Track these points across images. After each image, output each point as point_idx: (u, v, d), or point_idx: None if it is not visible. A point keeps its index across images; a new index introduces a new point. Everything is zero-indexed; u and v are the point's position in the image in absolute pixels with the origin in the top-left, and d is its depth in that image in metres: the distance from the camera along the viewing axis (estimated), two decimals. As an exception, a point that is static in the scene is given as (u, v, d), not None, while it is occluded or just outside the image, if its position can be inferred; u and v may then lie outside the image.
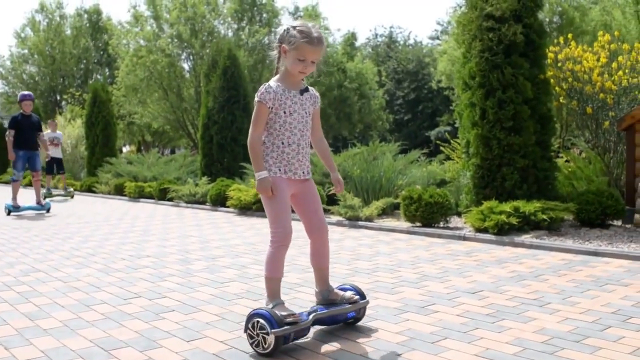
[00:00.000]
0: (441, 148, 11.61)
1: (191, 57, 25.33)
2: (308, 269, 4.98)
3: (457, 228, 6.94)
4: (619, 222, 6.91)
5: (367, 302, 3.41)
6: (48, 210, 10.22)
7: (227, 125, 12.53)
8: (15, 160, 9.99)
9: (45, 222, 8.72)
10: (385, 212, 8.38)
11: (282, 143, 3.13)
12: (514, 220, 6.16)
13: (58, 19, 36.06)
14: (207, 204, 10.72)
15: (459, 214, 7.72)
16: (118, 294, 4.21)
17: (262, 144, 3.15)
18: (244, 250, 6.00)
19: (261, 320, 2.91)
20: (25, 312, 3.74)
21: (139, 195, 12.86)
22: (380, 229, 7.30)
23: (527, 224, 6.36)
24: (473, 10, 7.23)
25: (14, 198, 10.01)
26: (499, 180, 6.97)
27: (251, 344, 2.97)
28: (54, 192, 14.43)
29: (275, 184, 3.10)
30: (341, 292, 3.36)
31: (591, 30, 19.35)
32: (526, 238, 6.00)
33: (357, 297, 3.34)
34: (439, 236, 6.61)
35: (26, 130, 10.08)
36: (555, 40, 8.14)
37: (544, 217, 6.25)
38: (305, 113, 3.19)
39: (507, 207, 6.32)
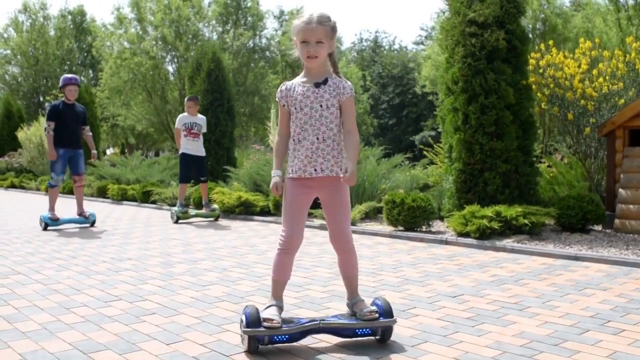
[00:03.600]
0: (424, 152, 11.66)
1: (175, 60, 25.31)
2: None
3: (439, 232, 6.97)
4: (600, 227, 6.98)
5: (394, 321, 3.09)
6: (93, 224, 8.41)
7: (210, 129, 12.48)
8: (53, 162, 8.15)
9: (26, 225, 8.64)
10: (368, 216, 8.40)
11: (294, 140, 3.12)
12: (495, 225, 6.20)
13: (41, 19, 35.92)
14: (190, 206, 10.67)
15: (441, 218, 7.75)
16: (98, 296, 4.18)
17: (286, 144, 3.17)
18: (226, 253, 5.99)
19: (242, 317, 2.98)
20: (3, 315, 3.70)
21: (122, 197, 12.79)
22: (363, 232, 7.31)
23: (509, 229, 6.40)
24: (456, 16, 7.28)
25: (52, 208, 8.19)
26: (481, 184, 7.01)
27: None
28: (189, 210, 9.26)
29: (286, 185, 3.14)
30: (365, 307, 3.12)
31: (573, 37, 19.58)
32: (507, 242, 6.04)
33: (376, 314, 3.05)
34: (421, 240, 6.63)
35: (69, 123, 8.15)
36: (537, 47, 8.21)
37: (526, 221, 6.30)
38: (322, 106, 3.06)
39: (488, 211, 6.35)
